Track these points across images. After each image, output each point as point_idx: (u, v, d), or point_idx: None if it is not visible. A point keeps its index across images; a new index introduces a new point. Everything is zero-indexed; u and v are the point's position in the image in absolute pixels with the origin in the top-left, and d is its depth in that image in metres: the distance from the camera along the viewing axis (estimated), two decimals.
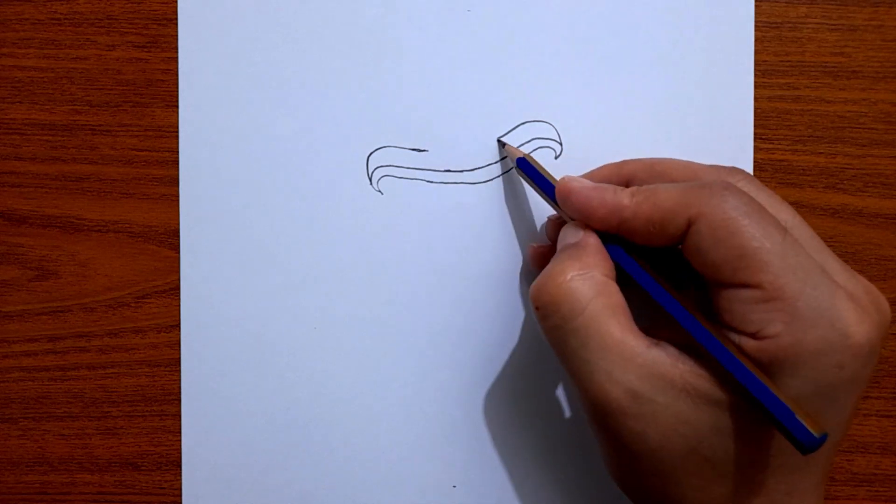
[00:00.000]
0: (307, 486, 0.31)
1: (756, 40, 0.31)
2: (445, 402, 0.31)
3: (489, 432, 0.31)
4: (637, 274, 0.24)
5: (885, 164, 0.32)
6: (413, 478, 0.31)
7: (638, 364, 0.22)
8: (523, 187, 0.31)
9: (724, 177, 0.25)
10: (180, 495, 0.32)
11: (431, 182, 0.31)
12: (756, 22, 0.31)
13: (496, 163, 0.31)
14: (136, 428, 0.32)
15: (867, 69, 0.31)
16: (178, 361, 0.31)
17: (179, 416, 0.31)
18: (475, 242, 0.31)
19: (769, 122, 0.31)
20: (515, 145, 0.31)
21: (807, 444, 0.20)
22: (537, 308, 0.24)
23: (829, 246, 0.31)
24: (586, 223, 0.25)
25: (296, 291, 0.31)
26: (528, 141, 0.31)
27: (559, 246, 0.26)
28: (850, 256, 0.32)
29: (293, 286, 0.31)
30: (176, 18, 0.31)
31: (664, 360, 0.22)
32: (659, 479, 0.23)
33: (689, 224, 0.22)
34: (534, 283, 0.25)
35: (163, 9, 0.31)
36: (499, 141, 0.31)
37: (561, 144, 0.31)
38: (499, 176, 0.31)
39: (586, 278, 0.24)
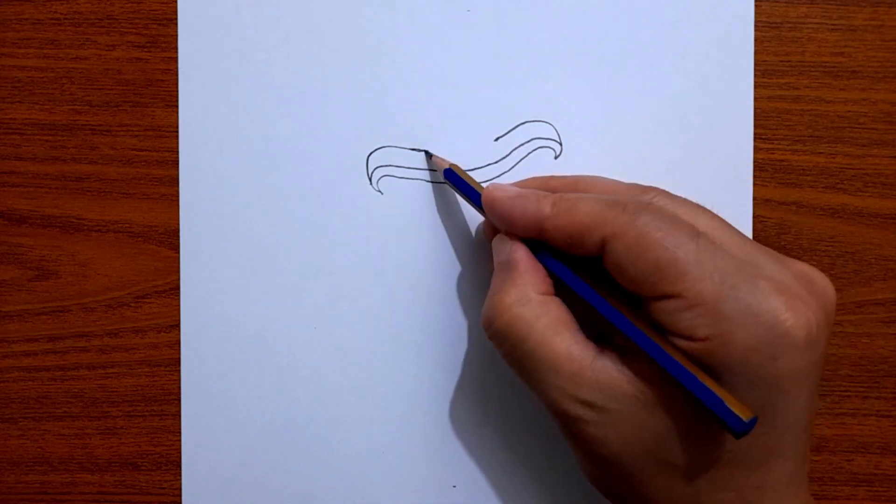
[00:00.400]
0: (307, 486, 0.31)
1: (756, 40, 0.31)
2: (445, 402, 0.31)
3: (489, 432, 0.31)
4: (568, 279, 0.25)
5: (885, 164, 0.32)
6: (413, 478, 0.31)
7: (587, 377, 0.23)
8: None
9: (638, 195, 0.25)
10: (180, 495, 0.32)
11: (431, 182, 0.31)
12: (756, 22, 0.31)
13: (496, 162, 0.31)
14: (136, 428, 0.32)
15: (867, 69, 0.31)
16: (178, 361, 0.31)
17: (179, 416, 0.31)
18: (474, 242, 0.31)
19: (769, 122, 0.31)
20: (515, 145, 0.31)
21: (737, 429, 0.21)
22: (490, 338, 0.26)
23: (828, 246, 0.31)
24: (511, 232, 0.26)
25: (296, 291, 0.31)
26: (528, 141, 0.31)
27: (494, 261, 0.27)
28: (850, 256, 0.32)
29: (293, 286, 0.31)
30: (176, 18, 0.31)
31: (611, 368, 0.23)
32: (626, 482, 0.24)
33: (604, 242, 0.23)
34: (482, 314, 0.26)
35: (163, 9, 0.31)
36: (426, 153, 0.31)
37: (561, 144, 0.31)
38: (498, 176, 0.31)
39: (524, 302, 0.25)
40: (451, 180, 0.29)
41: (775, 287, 0.22)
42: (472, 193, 0.28)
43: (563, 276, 0.25)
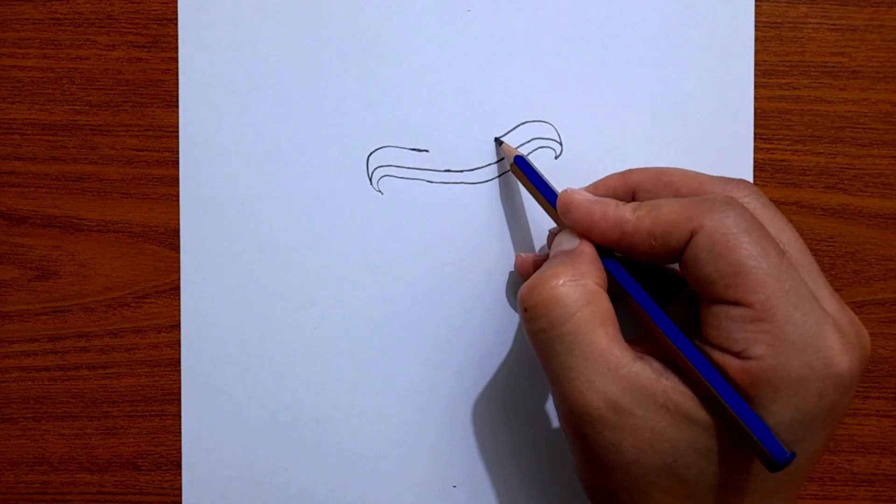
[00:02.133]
0: (307, 486, 0.31)
1: (756, 40, 0.31)
2: (445, 402, 0.31)
3: (489, 432, 0.31)
4: (628, 285, 0.24)
5: (885, 164, 0.32)
6: (413, 478, 0.31)
7: (621, 375, 0.22)
8: (521, 188, 0.31)
9: (729, 190, 0.25)
10: (180, 495, 0.32)
11: (431, 182, 0.31)
12: (756, 22, 0.31)
13: (496, 163, 0.31)
14: (136, 428, 0.32)
15: (867, 69, 0.31)
16: (178, 361, 0.31)
17: (179, 416, 0.31)
18: (475, 242, 0.31)
19: (769, 122, 0.31)
20: (515, 145, 0.31)
21: (779, 461, 0.20)
22: (525, 309, 0.24)
23: (828, 246, 0.31)
24: (588, 237, 0.25)
25: (296, 291, 0.31)
26: (528, 141, 0.31)
27: (552, 251, 0.26)
28: (850, 256, 0.32)
29: (293, 286, 0.31)
30: (176, 18, 0.31)
31: (648, 374, 0.22)
32: (629, 494, 0.23)
33: (691, 236, 0.22)
34: (524, 284, 0.25)
35: (163, 9, 0.31)
36: (496, 140, 0.31)
37: (561, 144, 0.31)
38: (499, 176, 0.31)
39: (578, 285, 0.23)
40: (522, 169, 0.28)
41: (836, 325, 0.22)
42: (542, 187, 0.27)
43: (620, 279, 0.24)
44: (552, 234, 0.30)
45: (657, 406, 0.22)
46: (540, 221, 0.31)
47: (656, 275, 0.26)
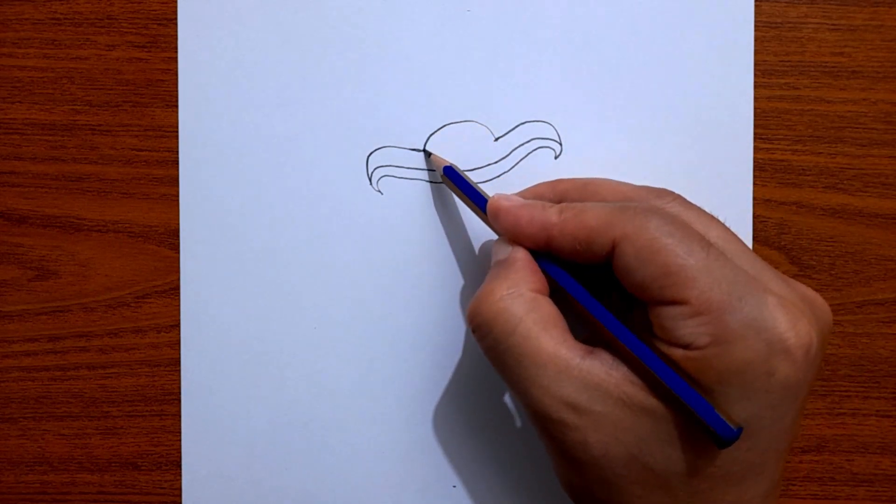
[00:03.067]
0: (307, 486, 0.31)
1: (756, 40, 0.31)
2: (445, 402, 0.31)
3: (489, 432, 0.31)
4: (565, 282, 0.25)
5: (885, 164, 0.32)
6: (413, 478, 0.31)
7: (573, 376, 0.23)
8: (529, 184, 0.31)
9: (651, 199, 0.25)
10: (180, 495, 0.32)
11: (431, 182, 0.31)
12: (756, 22, 0.31)
13: (496, 162, 0.31)
14: (136, 428, 0.32)
15: (867, 69, 0.31)
16: (178, 361, 0.31)
17: (179, 416, 0.31)
18: (475, 242, 0.31)
19: (769, 122, 0.31)
20: (515, 145, 0.31)
21: (724, 437, 0.21)
22: (473, 330, 0.25)
23: (828, 246, 0.31)
24: (517, 241, 0.26)
25: (296, 291, 0.31)
26: (528, 141, 0.31)
27: (492, 261, 0.27)
28: (850, 256, 0.32)
29: (293, 286, 0.31)
30: (176, 18, 0.31)
31: (598, 370, 0.23)
32: (604, 488, 0.23)
33: (614, 245, 0.23)
34: (469, 304, 0.25)
35: (163, 9, 0.31)
36: (425, 152, 0.31)
37: (561, 144, 0.31)
38: (498, 176, 0.31)
39: (515, 296, 0.24)
40: (452, 179, 0.29)
41: (780, 303, 0.22)
42: (472, 194, 0.28)
43: (559, 279, 0.25)
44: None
45: (613, 399, 0.22)
46: None
47: (607, 279, 0.27)
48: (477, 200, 0.28)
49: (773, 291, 0.22)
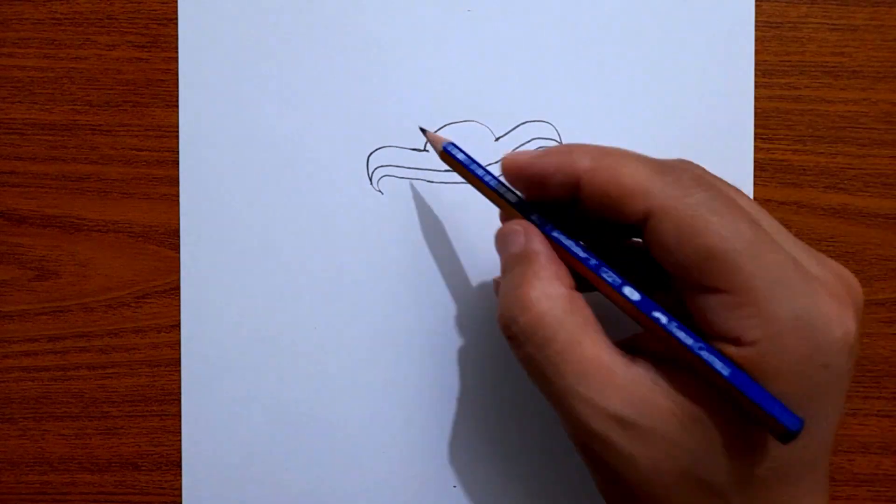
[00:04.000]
0: (307, 486, 0.31)
1: (756, 40, 0.31)
2: (445, 402, 0.31)
3: (489, 432, 0.31)
4: (585, 259, 0.22)
5: (885, 164, 0.32)
6: (413, 478, 0.31)
7: (618, 386, 0.21)
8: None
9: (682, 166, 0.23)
10: (180, 495, 0.32)
11: (431, 182, 0.31)
12: (756, 22, 0.31)
13: (496, 162, 0.31)
14: (136, 428, 0.32)
15: (867, 69, 0.31)
16: (178, 361, 0.31)
17: (179, 416, 0.31)
18: (475, 242, 0.31)
19: (769, 122, 0.31)
20: (515, 145, 0.31)
21: (791, 429, 0.19)
22: (509, 338, 0.23)
23: (828, 246, 0.31)
24: (540, 194, 0.23)
25: (296, 291, 0.31)
26: (528, 141, 0.31)
27: (503, 253, 0.24)
28: (850, 256, 0.32)
29: (293, 286, 0.31)
30: (176, 18, 0.31)
31: (644, 381, 0.21)
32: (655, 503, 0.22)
33: (647, 215, 0.21)
34: (499, 310, 0.23)
35: (163, 9, 0.31)
36: (421, 129, 0.29)
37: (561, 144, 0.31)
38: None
39: (553, 298, 0.22)
40: (452, 155, 0.27)
41: (827, 292, 0.20)
42: (477, 169, 0.26)
43: (589, 265, 0.22)
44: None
45: (661, 412, 0.21)
46: None
47: (643, 265, 0.24)
48: (481, 174, 0.26)
49: (818, 278, 0.21)
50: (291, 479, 0.31)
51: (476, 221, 0.31)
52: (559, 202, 0.23)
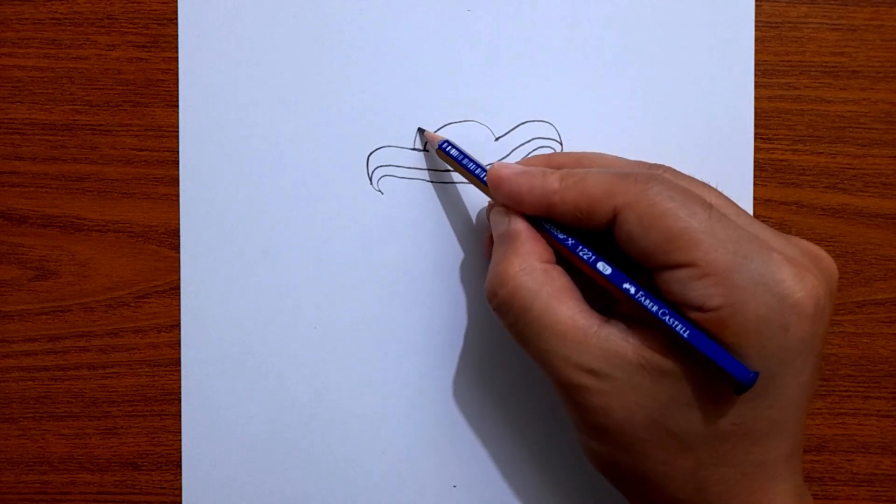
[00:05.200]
0: (307, 486, 0.31)
1: (756, 40, 0.31)
2: (445, 402, 0.31)
3: (489, 432, 0.31)
4: (573, 247, 0.25)
5: (885, 164, 0.32)
6: (413, 478, 0.31)
7: (592, 345, 0.23)
8: None
9: (646, 169, 0.25)
10: (180, 495, 0.32)
11: (431, 182, 0.31)
12: (756, 22, 0.31)
13: (494, 164, 0.31)
14: (136, 428, 0.32)
15: (867, 69, 0.31)
16: (178, 361, 0.31)
17: (179, 416, 0.31)
18: (475, 242, 0.31)
19: (769, 122, 0.31)
20: (515, 145, 0.31)
21: (743, 380, 0.21)
22: (494, 309, 0.26)
23: (828, 246, 0.31)
24: (518, 209, 0.26)
25: (296, 291, 0.31)
26: (528, 141, 0.31)
27: (493, 233, 0.27)
28: (850, 256, 0.32)
29: (293, 286, 0.31)
30: (176, 18, 0.31)
31: (616, 336, 0.23)
32: (626, 453, 0.24)
33: (615, 213, 0.23)
34: (485, 283, 0.26)
35: (163, 9, 0.31)
36: (419, 129, 0.31)
37: (561, 144, 0.31)
38: None
39: (528, 272, 0.24)
40: (448, 153, 0.29)
41: (785, 258, 0.22)
42: (470, 166, 0.28)
43: (567, 245, 0.25)
44: (490, 206, 0.30)
45: (632, 365, 0.23)
46: None
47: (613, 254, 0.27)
48: (476, 171, 0.28)
49: (777, 249, 0.23)
50: (291, 478, 0.31)
51: (476, 221, 0.31)
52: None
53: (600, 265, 0.24)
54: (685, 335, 0.22)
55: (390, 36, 0.31)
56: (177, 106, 0.31)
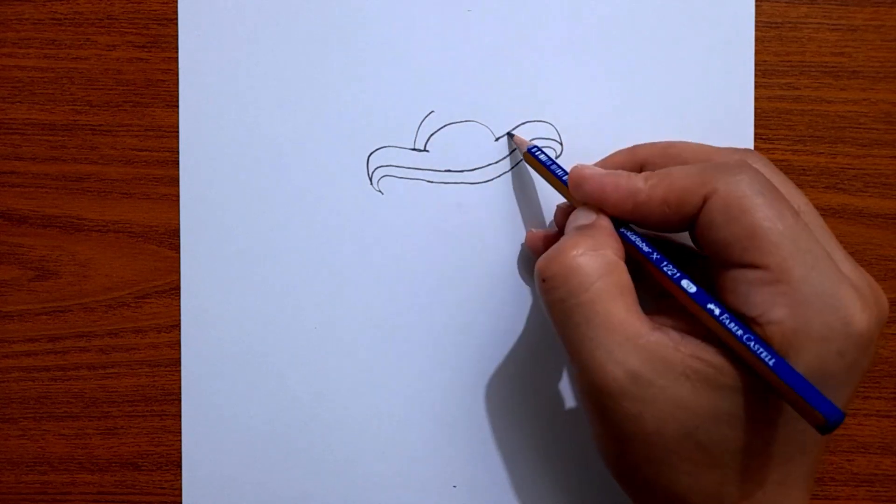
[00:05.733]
0: (307, 486, 0.31)
1: (756, 40, 0.31)
2: (446, 402, 0.31)
3: (489, 432, 0.31)
4: (648, 252, 0.24)
5: (885, 164, 0.32)
6: (413, 478, 0.31)
7: (640, 345, 0.22)
8: (529, 184, 0.31)
9: (739, 157, 0.25)
10: (180, 495, 0.32)
11: (431, 182, 0.31)
12: (756, 22, 0.31)
13: (496, 163, 0.31)
14: (136, 428, 0.32)
15: (867, 69, 0.31)
16: (178, 361, 0.31)
17: (179, 416, 0.31)
18: (475, 242, 0.31)
19: (769, 122, 0.31)
20: (515, 146, 0.31)
21: (830, 420, 0.20)
22: (544, 280, 0.24)
23: None
24: (601, 209, 0.25)
25: (296, 291, 0.31)
26: (528, 141, 0.31)
27: (568, 228, 0.26)
28: (851, 256, 0.32)
29: (293, 286, 0.31)
30: (176, 18, 0.31)
31: (666, 343, 0.22)
32: (651, 464, 0.23)
33: (705, 202, 0.22)
34: (542, 255, 0.25)
35: (163, 9, 0.31)
36: (508, 134, 0.31)
37: (561, 144, 0.31)
38: (498, 176, 0.31)
39: (597, 256, 0.23)
40: (537, 158, 0.29)
41: (853, 285, 0.22)
42: (556, 171, 0.28)
43: (646, 253, 0.24)
44: (560, 210, 0.29)
45: (676, 374, 0.22)
46: (543, 218, 0.31)
47: (669, 251, 0.26)
48: (563, 178, 0.27)
49: (847, 273, 0.22)
50: (291, 478, 0.31)
51: (476, 222, 0.31)
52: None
53: (685, 283, 0.23)
54: (770, 364, 0.21)
55: (390, 36, 0.31)
56: (177, 106, 0.31)
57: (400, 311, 0.31)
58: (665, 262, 0.24)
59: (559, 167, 0.28)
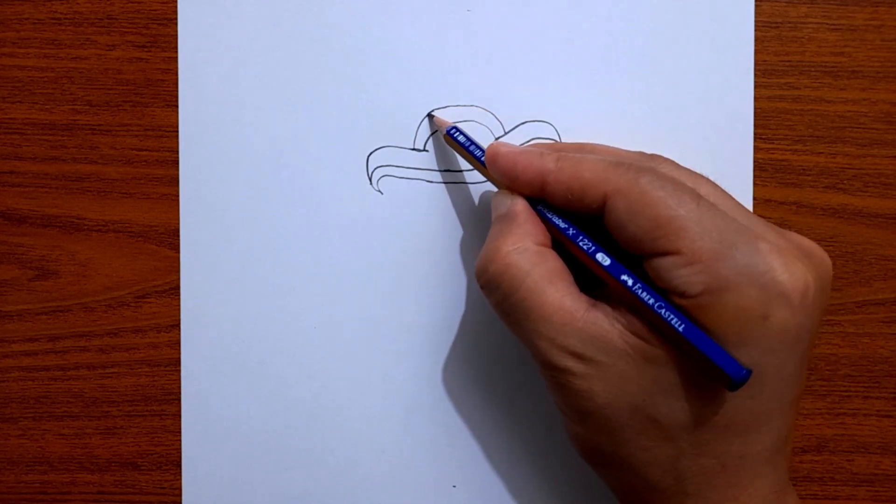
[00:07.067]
0: (307, 486, 0.31)
1: (756, 40, 0.31)
2: (445, 402, 0.31)
3: (488, 432, 0.31)
4: (567, 231, 0.25)
5: (885, 164, 0.32)
6: (413, 478, 0.31)
7: (577, 327, 0.23)
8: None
9: (644, 161, 0.26)
10: (180, 495, 0.32)
11: (431, 182, 0.31)
12: (756, 22, 0.31)
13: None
14: (136, 428, 0.32)
15: (867, 69, 0.31)
16: (178, 361, 0.31)
17: (179, 416, 0.31)
18: (475, 242, 0.31)
19: (769, 122, 0.31)
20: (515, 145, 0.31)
21: (735, 378, 0.21)
22: (482, 287, 0.26)
23: (828, 246, 0.32)
24: (513, 187, 0.26)
25: (296, 291, 0.31)
26: (528, 141, 0.31)
27: (493, 216, 0.27)
28: (850, 256, 0.32)
29: (293, 286, 0.31)
30: (176, 18, 0.31)
31: (602, 321, 0.23)
32: (608, 438, 0.24)
33: (605, 199, 0.23)
34: (476, 263, 0.26)
35: (163, 9, 0.31)
36: (429, 115, 0.31)
37: None
38: None
39: (521, 251, 0.24)
40: (455, 139, 0.29)
41: (774, 249, 0.22)
42: (475, 152, 0.28)
43: (562, 229, 0.25)
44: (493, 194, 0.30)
45: (617, 350, 0.23)
46: None
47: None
48: (478, 156, 0.28)
49: (767, 239, 0.23)
50: (291, 479, 0.31)
51: (475, 221, 0.31)
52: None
53: (599, 256, 0.24)
54: (680, 329, 0.22)
55: (390, 36, 0.31)
56: (177, 106, 0.31)
57: (400, 311, 0.31)
58: (581, 237, 0.24)
59: (479, 147, 0.28)
